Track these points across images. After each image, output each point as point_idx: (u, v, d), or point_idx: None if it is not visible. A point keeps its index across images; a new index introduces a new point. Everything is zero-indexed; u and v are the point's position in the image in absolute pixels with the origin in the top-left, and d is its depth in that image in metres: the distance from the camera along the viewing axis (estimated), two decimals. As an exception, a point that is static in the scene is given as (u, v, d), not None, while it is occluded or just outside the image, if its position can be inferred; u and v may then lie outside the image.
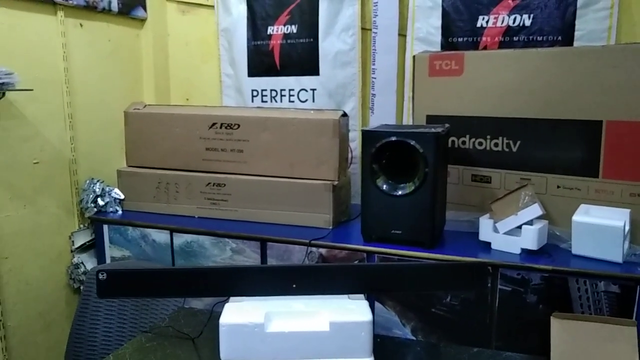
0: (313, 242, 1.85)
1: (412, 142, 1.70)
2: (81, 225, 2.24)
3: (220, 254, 1.99)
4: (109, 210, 2.22)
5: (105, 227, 2.18)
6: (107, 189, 2.23)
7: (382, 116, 2.30)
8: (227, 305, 1.20)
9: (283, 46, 2.42)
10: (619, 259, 1.58)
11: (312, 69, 2.38)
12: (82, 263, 2.20)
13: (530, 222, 1.68)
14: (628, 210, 1.64)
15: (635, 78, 1.61)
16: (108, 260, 2.18)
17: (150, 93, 2.61)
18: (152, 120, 2.21)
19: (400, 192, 1.75)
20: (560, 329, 1.15)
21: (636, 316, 1.50)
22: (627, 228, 1.59)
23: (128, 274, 1.26)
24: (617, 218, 1.59)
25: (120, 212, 2.24)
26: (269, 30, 2.44)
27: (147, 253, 2.11)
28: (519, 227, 1.68)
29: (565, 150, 1.76)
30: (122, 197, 2.24)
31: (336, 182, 1.99)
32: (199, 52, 2.66)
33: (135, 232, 2.12)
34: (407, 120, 2.26)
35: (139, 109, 2.24)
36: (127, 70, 2.49)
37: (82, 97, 2.22)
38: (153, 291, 1.30)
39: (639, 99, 1.61)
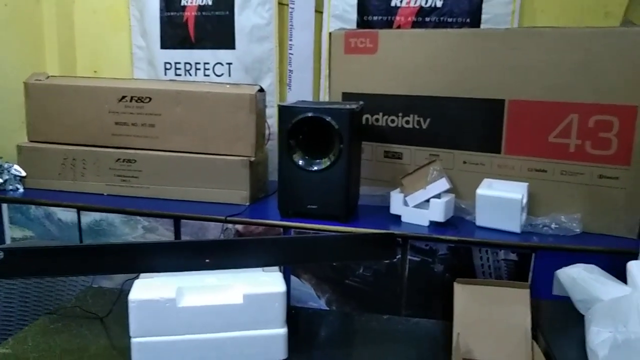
0: (229, 218, 1.83)
1: (328, 119, 1.72)
2: (-24, 205, 2.08)
3: (132, 232, 1.92)
4: (8, 188, 2.07)
5: (5, 206, 2.03)
6: (5, 165, 2.08)
7: (299, 93, 2.30)
8: (136, 282, 1.17)
9: (198, 18, 2.35)
10: (517, 229, 1.69)
11: (228, 42, 2.33)
12: (-22, 245, 2.05)
13: (438, 196, 1.76)
14: (526, 184, 1.76)
15: (533, 59, 1.71)
16: (8, 241, 2.04)
17: (53, 64, 2.44)
18: (55, 93, 2.08)
19: (315, 168, 1.77)
20: (463, 293, 1.23)
21: (531, 280, 1.63)
22: (524, 200, 1.71)
23: (28, 251, 1.19)
24: (516, 191, 1.70)
25: (21, 190, 2.09)
26: (183, 2, 2.35)
27: (52, 233, 1.99)
28: (428, 200, 1.76)
29: (471, 127, 1.85)
30: (24, 174, 2.10)
31: (253, 158, 1.97)
32: (108, 22, 2.52)
33: (38, 211, 2.00)
34: (324, 97, 2.28)
35: (40, 80, 2.10)
36: (26, 38, 2.31)
37: (-25, 66, 2.05)
38: (56, 269, 1.23)
39: (537, 79, 1.72)
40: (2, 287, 1.55)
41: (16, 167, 2.09)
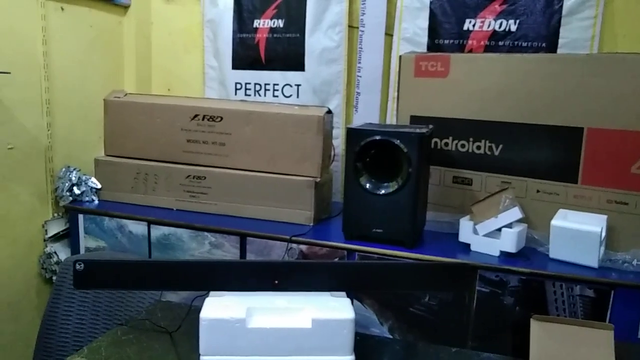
0: (294, 238, 1.84)
1: (397, 142, 1.70)
2: (55, 214, 2.19)
3: (199, 247, 1.97)
4: (84, 199, 2.17)
5: (81, 216, 2.13)
6: (83, 177, 2.18)
7: (366, 115, 2.30)
8: (207, 300, 1.18)
9: (269, 40, 2.40)
10: (594, 264, 1.61)
11: (297, 64, 2.36)
12: (55, 252, 2.15)
13: (509, 225, 1.70)
14: (605, 216, 1.67)
15: (616, 87, 1.64)
16: (82, 251, 2.13)
17: (131, 81, 2.56)
18: (132, 109, 2.17)
19: (383, 191, 1.76)
20: (539, 331, 1.16)
21: (609, 319, 1.53)
22: (603, 234, 1.62)
23: (106, 265, 1.24)
24: (594, 223, 1.62)
25: (96, 201, 2.19)
26: (255, 24, 2.42)
27: (123, 244, 2.07)
28: (499, 229, 1.70)
29: (546, 155, 1.78)
30: (99, 186, 2.19)
31: (318, 179, 1.98)
32: (183, 42, 2.62)
33: (111, 223, 2.08)
34: (390, 120, 2.27)
35: (119, 97, 2.20)
36: (108, 57, 2.44)
37: (61, 83, 2.17)
38: (132, 283, 1.27)
39: (619, 107, 1.65)
40: (76, 297, 1.61)
41: (93, 179, 2.19)
